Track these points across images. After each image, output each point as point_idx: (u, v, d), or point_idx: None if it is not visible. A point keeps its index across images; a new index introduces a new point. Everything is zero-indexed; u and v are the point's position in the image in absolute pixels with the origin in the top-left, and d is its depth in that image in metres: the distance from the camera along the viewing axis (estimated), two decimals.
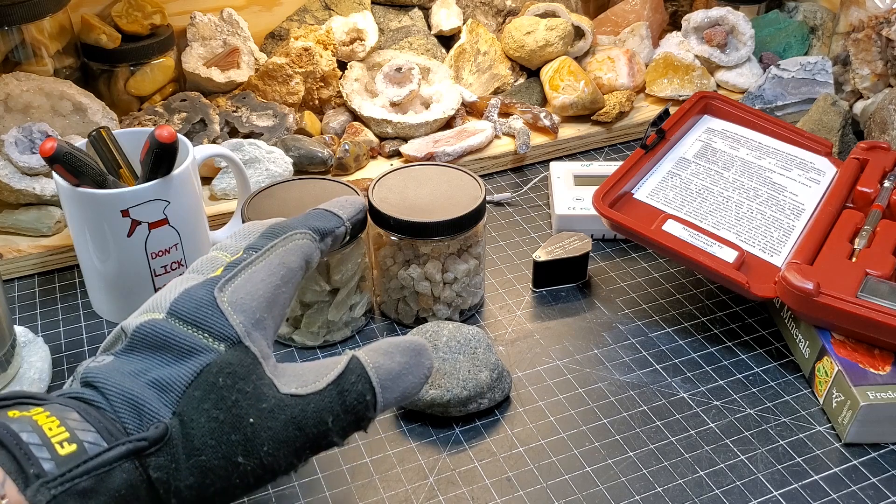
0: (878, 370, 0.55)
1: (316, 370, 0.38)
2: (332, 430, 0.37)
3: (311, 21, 0.95)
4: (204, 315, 0.37)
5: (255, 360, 0.36)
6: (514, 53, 0.94)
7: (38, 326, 0.66)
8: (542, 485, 0.52)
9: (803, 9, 1.02)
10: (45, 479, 0.30)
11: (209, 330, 0.36)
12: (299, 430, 0.36)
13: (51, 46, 0.80)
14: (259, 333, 0.37)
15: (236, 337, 0.36)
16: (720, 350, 0.62)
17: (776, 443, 0.54)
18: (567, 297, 0.68)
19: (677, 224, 0.63)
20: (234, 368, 0.35)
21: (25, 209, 0.73)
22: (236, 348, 0.36)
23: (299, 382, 0.37)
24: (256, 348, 0.37)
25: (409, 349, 0.41)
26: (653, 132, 0.71)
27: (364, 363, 0.39)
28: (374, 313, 0.66)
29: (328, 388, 0.37)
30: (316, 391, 0.37)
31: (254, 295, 0.38)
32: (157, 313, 0.37)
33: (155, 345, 0.36)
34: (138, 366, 0.35)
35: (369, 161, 0.83)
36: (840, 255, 0.61)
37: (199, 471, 0.34)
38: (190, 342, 0.36)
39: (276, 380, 0.37)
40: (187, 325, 0.36)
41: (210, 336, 0.36)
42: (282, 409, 0.36)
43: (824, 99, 0.84)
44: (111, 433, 0.33)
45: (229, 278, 0.38)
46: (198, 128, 0.81)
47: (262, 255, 0.40)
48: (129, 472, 0.32)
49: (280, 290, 0.40)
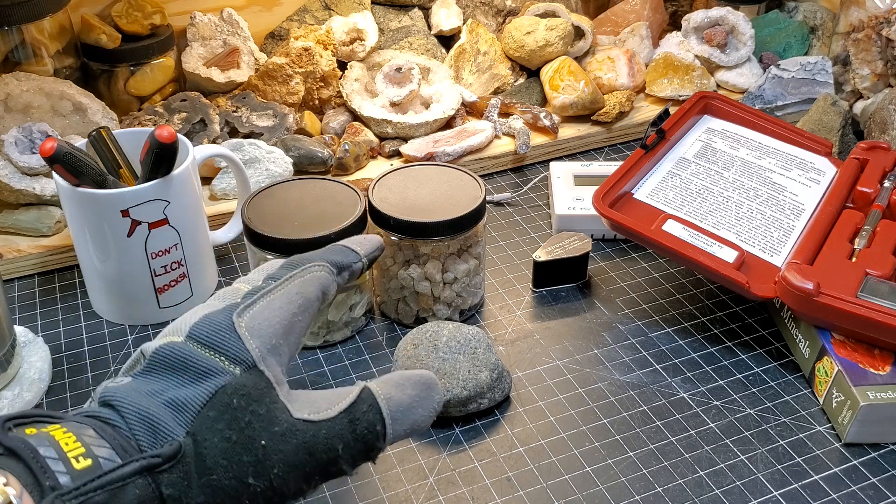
0: (878, 370, 0.55)
1: (328, 398, 0.39)
2: (342, 458, 0.38)
3: (311, 21, 0.95)
4: (221, 339, 0.38)
5: (269, 385, 0.37)
6: (514, 53, 0.94)
7: (38, 326, 0.66)
8: (542, 485, 0.52)
9: (803, 9, 1.02)
10: (60, 492, 0.31)
11: (225, 353, 0.37)
12: (310, 455, 0.37)
13: (51, 46, 0.80)
14: (274, 359, 0.39)
15: (251, 361, 0.37)
16: (720, 350, 0.62)
17: (776, 443, 0.54)
18: (567, 297, 0.68)
19: (677, 224, 0.63)
20: (248, 391, 0.36)
21: (25, 209, 0.73)
22: (251, 372, 0.37)
23: (312, 409, 0.38)
24: (271, 373, 0.38)
25: (420, 383, 0.42)
26: (653, 132, 0.71)
27: (376, 394, 0.40)
28: (374, 313, 0.66)
29: (340, 416, 0.38)
30: (328, 418, 0.38)
31: (270, 321, 0.39)
32: (177, 337, 0.38)
33: (172, 366, 0.37)
34: (155, 386, 0.36)
35: (369, 161, 0.83)
36: (840, 255, 0.61)
37: (210, 490, 0.35)
38: (206, 364, 0.37)
39: (289, 405, 0.38)
40: (205, 348, 0.37)
41: (226, 359, 0.37)
42: (294, 433, 0.37)
43: (824, 99, 0.84)
44: (125, 450, 0.33)
45: (248, 305, 0.40)
46: (198, 128, 0.81)
47: (281, 284, 0.42)
48: (141, 489, 0.33)
49: (296, 319, 0.41)
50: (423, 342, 0.57)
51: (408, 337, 0.58)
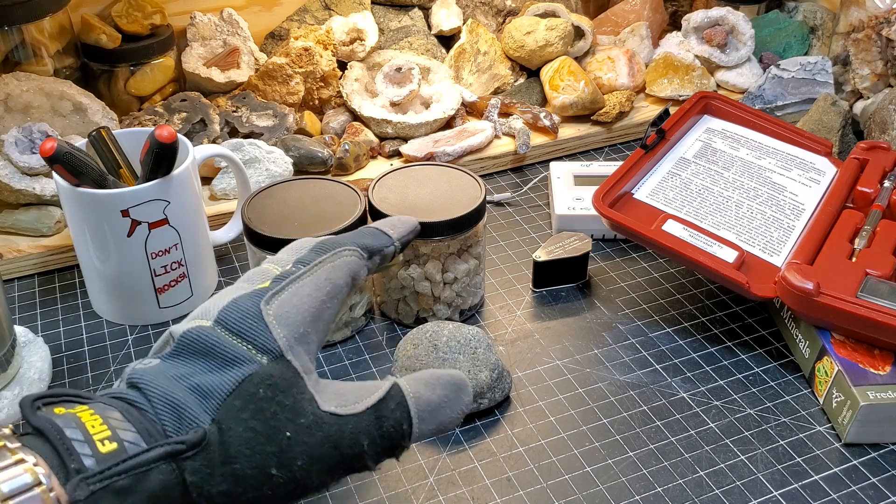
0: (878, 370, 0.55)
1: (356, 392, 0.39)
2: (367, 454, 0.38)
3: (311, 21, 0.95)
4: (249, 326, 0.37)
5: (297, 375, 0.37)
6: (514, 53, 0.94)
7: (38, 326, 0.66)
8: (542, 485, 0.52)
9: (803, 9, 1.02)
10: (84, 475, 0.31)
11: (253, 341, 0.37)
12: (335, 449, 0.37)
13: (51, 46, 0.80)
14: (302, 348, 0.38)
15: (279, 350, 0.37)
16: (720, 350, 0.62)
17: (776, 443, 0.54)
18: (567, 297, 0.68)
19: (677, 224, 0.63)
20: (274, 381, 0.36)
21: (25, 209, 0.73)
22: (278, 361, 0.37)
23: (339, 402, 0.38)
24: (298, 363, 0.38)
25: (450, 383, 0.41)
26: (653, 132, 0.71)
27: (405, 391, 0.39)
28: (374, 313, 0.66)
29: (367, 412, 0.38)
30: (355, 413, 0.38)
31: (299, 309, 0.39)
32: (205, 321, 0.38)
33: (200, 351, 0.37)
34: (182, 370, 0.36)
35: (369, 161, 0.83)
36: (840, 255, 0.61)
37: (232, 478, 0.35)
38: (233, 352, 0.37)
39: (317, 395, 0.37)
40: (232, 335, 0.37)
41: (253, 347, 0.37)
42: (319, 426, 0.36)
43: (824, 99, 0.84)
44: (151, 434, 0.33)
45: (276, 291, 0.39)
46: (198, 128, 0.81)
47: (310, 270, 0.41)
48: (165, 474, 0.33)
49: (325, 306, 0.40)
50: (423, 342, 0.57)
51: (408, 337, 0.58)
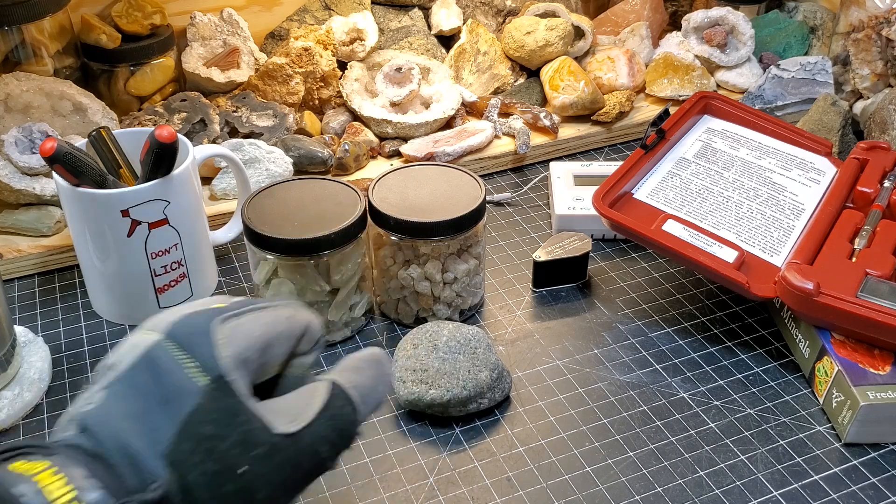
0: (878, 370, 0.55)
1: (298, 402, 0.38)
2: (327, 458, 0.38)
3: (311, 21, 0.95)
4: (197, 342, 0.36)
5: (239, 401, 0.36)
6: (514, 53, 0.94)
7: (38, 326, 0.66)
8: (542, 485, 0.52)
9: (803, 9, 1.02)
10: None
11: (198, 358, 0.36)
12: (295, 469, 0.36)
13: (51, 46, 0.80)
14: (245, 372, 0.37)
15: (221, 371, 0.36)
16: (720, 350, 0.62)
17: (776, 443, 0.54)
18: (567, 297, 0.68)
19: (677, 224, 0.63)
20: (218, 416, 0.35)
21: (25, 209, 0.73)
22: (220, 386, 0.35)
23: (288, 418, 0.37)
24: (241, 386, 0.36)
25: (373, 361, 0.41)
26: (653, 132, 0.71)
27: (344, 385, 0.39)
28: (374, 313, 0.66)
29: (319, 418, 0.37)
30: (308, 424, 0.37)
31: (251, 335, 0.38)
32: (155, 333, 0.37)
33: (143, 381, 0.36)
34: (131, 406, 0.35)
35: (369, 161, 0.83)
36: (840, 255, 0.61)
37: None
38: (177, 377, 0.35)
39: (265, 419, 0.36)
40: (179, 350, 0.36)
41: (197, 366, 0.36)
42: (276, 451, 0.36)
43: (824, 99, 0.84)
44: (115, 490, 0.33)
45: (235, 314, 0.38)
46: (198, 128, 0.81)
47: (274, 306, 0.40)
48: None
49: (277, 342, 0.39)
50: (423, 342, 0.57)
51: (408, 337, 0.58)
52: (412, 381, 0.55)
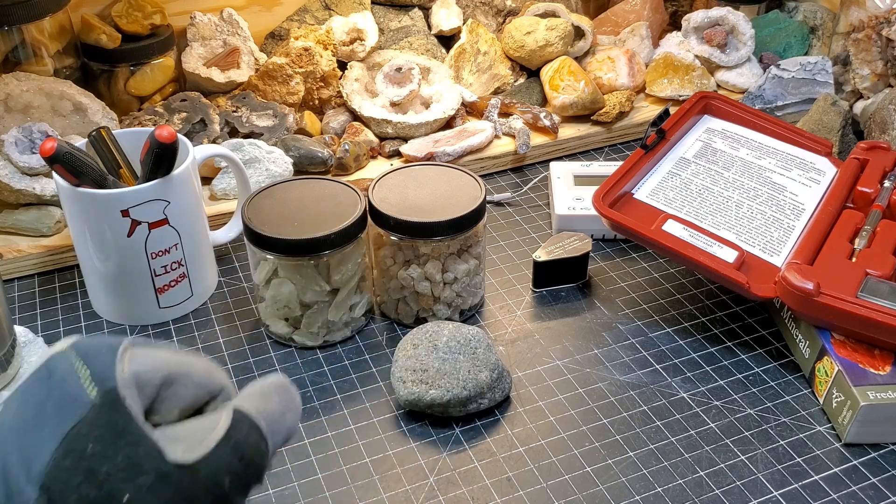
0: (878, 370, 0.55)
1: (199, 429, 0.34)
2: (232, 491, 0.33)
3: (311, 21, 0.95)
4: (96, 353, 0.33)
5: (129, 418, 0.32)
6: (514, 53, 0.94)
7: (38, 326, 0.66)
8: (542, 485, 0.52)
9: (803, 9, 1.02)
10: None
11: (93, 368, 0.33)
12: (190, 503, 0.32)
13: (51, 46, 0.80)
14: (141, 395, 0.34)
15: (113, 384, 0.32)
16: (720, 350, 0.62)
17: (776, 443, 0.54)
18: (567, 297, 0.68)
19: (677, 224, 0.63)
20: (102, 432, 0.31)
21: (25, 209, 0.73)
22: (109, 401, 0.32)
23: (185, 445, 0.33)
24: (134, 404, 0.33)
25: (279, 388, 0.37)
26: (653, 132, 0.71)
27: (248, 412, 0.35)
28: (374, 313, 0.66)
29: (220, 446, 0.33)
30: (207, 453, 0.33)
31: (156, 364, 0.34)
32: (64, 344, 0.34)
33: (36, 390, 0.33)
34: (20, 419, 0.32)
35: (369, 161, 0.83)
36: (840, 255, 0.61)
37: None
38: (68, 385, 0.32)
39: (159, 443, 0.32)
40: (78, 359, 0.33)
41: (89, 376, 0.32)
42: (166, 483, 0.31)
43: (824, 99, 0.84)
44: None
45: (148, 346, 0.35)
46: (198, 128, 0.81)
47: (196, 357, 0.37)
48: None
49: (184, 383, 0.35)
50: (423, 342, 0.57)
51: (408, 337, 0.58)
52: (412, 381, 0.55)
